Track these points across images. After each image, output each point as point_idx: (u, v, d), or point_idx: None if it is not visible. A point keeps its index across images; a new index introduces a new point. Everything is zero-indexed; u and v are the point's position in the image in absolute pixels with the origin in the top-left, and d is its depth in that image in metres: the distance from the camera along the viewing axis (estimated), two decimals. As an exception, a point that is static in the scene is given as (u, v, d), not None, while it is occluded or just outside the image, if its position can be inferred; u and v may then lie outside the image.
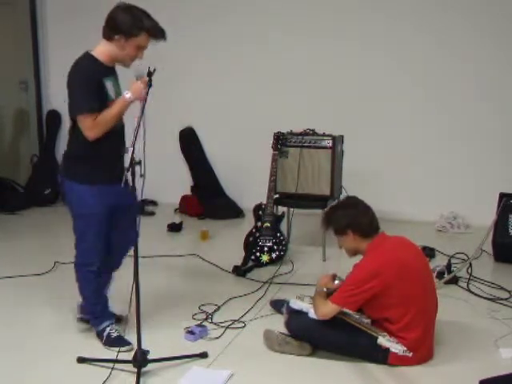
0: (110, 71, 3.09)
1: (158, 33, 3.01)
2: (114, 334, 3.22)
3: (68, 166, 3.16)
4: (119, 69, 3.17)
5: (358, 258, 3.12)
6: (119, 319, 3.44)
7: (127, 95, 2.96)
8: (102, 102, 2.98)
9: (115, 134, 3.09)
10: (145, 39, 2.99)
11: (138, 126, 2.89)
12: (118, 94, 3.10)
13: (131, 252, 2.96)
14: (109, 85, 3.04)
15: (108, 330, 3.23)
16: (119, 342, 3.18)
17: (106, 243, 3.19)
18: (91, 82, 2.95)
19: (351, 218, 3.06)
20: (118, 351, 3.02)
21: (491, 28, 5.44)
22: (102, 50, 3.03)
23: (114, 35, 2.97)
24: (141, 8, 3.04)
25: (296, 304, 3.31)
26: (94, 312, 3.28)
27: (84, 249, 3.17)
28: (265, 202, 4.63)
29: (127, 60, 3.06)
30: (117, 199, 3.10)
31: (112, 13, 3.00)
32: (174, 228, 5.60)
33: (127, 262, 3.64)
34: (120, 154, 3.05)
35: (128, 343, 3.18)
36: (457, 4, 5.51)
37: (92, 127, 2.95)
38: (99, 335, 3.26)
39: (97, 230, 3.13)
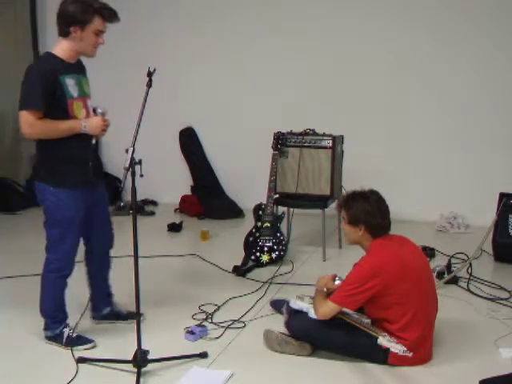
0: (72, 68, 3.05)
1: (110, 14, 2.99)
2: (74, 334, 3.21)
3: (44, 171, 3.09)
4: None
5: (357, 258, 3.12)
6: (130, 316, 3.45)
7: (83, 124, 2.98)
8: (58, 98, 2.95)
9: (84, 138, 3.04)
10: (99, 23, 2.97)
11: (138, 126, 2.92)
12: (83, 91, 3.09)
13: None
14: (69, 81, 3.00)
15: (66, 331, 3.22)
16: (82, 340, 3.21)
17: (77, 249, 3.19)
18: (42, 80, 2.92)
19: (370, 216, 3.02)
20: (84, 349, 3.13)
21: (494, 27, 5.44)
22: (62, 47, 3.02)
23: (69, 28, 2.95)
24: None
25: (296, 304, 3.30)
26: (56, 317, 3.25)
27: (61, 255, 3.13)
28: (265, 202, 4.63)
29: (90, 49, 3.04)
30: (88, 203, 3.14)
31: (61, 8, 2.97)
32: (174, 228, 5.60)
33: (127, 262, 3.64)
34: (87, 158, 3.05)
35: (91, 341, 3.21)
36: (459, 2, 5.50)
37: (31, 126, 2.94)
38: (57, 337, 3.22)
39: (73, 235, 3.13)
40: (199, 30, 6.20)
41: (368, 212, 3.03)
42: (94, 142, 3.04)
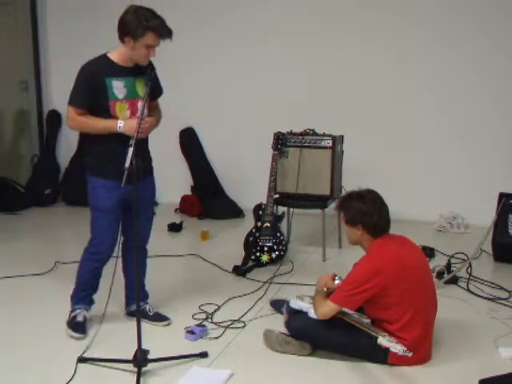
0: (124, 71, 3.16)
1: (163, 32, 3.08)
2: (79, 319, 3.35)
3: (86, 160, 3.34)
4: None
5: (357, 258, 3.12)
6: None
7: (119, 124, 3.11)
8: (102, 99, 3.10)
9: (120, 137, 3.12)
10: (152, 38, 3.06)
11: (138, 126, 2.94)
12: (134, 93, 3.19)
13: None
14: (116, 84, 3.12)
15: (77, 311, 3.37)
16: (78, 327, 3.32)
17: (115, 237, 3.33)
18: (86, 81, 3.10)
19: (366, 215, 3.02)
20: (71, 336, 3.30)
21: (494, 27, 5.43)
22: (119, 51, 3.16)
23: (124, 37, 3.08)
24: (148, 8, 3.10)
25: (296, 304, 3.31)
26: (77, 295, 3.43)
27: (95, 238, 3.33)
28: (265, 202, 4.63)
29: (141, 59, 3.15)
30: (125, 196, 3.17)
31: (121, 16, 3.10)
32: (174, 228, 5.60)
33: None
34: (121, 156, 3.04)
35: (83, 332, 3.31)
36: (459, 2, 5.50)
37: (72, 120, 3.17)
38: (72, 308, 3.41)
39: (108, 222, 3.28)
40: (199, 30, 6.20)
41: (364, 212, 3.03)
42: (131, 142, 3.04)
